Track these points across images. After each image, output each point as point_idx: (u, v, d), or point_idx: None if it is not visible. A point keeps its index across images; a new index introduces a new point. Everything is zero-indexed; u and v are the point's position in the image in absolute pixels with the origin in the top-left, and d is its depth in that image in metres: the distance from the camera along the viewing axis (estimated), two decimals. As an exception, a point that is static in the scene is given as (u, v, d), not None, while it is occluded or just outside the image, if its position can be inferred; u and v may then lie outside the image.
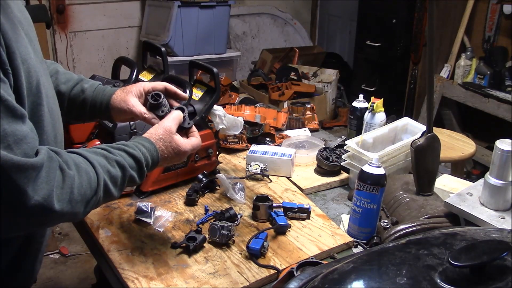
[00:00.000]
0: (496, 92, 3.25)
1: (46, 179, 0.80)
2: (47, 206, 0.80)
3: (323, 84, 4.18)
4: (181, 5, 3.67)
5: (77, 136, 1.51)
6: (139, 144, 1.03)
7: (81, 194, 0.87)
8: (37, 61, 0.92)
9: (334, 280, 0.79)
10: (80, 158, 0.91)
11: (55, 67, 1.24)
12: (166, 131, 1.08)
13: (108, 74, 1.73)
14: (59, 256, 2.74)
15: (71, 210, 0.85)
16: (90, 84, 1.23)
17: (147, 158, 1.02)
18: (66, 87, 1.20)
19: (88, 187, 0.88)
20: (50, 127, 0.96)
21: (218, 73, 1.50)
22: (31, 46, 0.91)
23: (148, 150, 1.03)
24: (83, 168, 0.89)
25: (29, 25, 0.97)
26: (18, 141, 0.78)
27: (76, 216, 0.89)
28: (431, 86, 1.31)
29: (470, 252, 0.74)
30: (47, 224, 0.88)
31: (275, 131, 1.92)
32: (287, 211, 1.35)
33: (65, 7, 3.87)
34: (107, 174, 0.93)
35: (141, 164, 1.00)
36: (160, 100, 1.15)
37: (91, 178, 0.89)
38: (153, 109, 1.15)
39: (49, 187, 0.81)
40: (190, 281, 1.11)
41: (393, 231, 1.22)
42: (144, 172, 1.02)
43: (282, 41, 4.97)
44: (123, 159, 0.97)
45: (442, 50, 3.74)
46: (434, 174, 1.38)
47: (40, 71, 0.92)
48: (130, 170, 0.98)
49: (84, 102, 1.20)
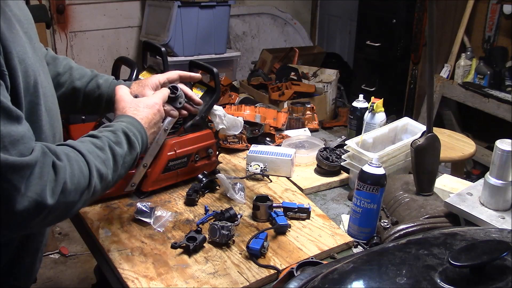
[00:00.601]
0: (496, 92, 3.25)
1: (39, 175, 0.80)
2: (40, 201, 0.80)
3: (323, 84, 4.18)
4: (181, 5, 3.67)
5: (77, 136, 1.49)
6: (118, 120, 1.05)
7: (74, 184, 0.86)
8: (36, 60, 0.92)
9: (334, 280, 0.79)
10: (68, 149, 0.90)
11: (68, 62, 1.25)
12: (139, 101, 1.12)
13: (108, 74, 1.73)
14: (59, 256, 2.74)
15: (64, 201, 0.84)
16: (105, 79, 1.26)
17: (129, 128, 1.02)
18: (81, 82, 1.23)
19: (81, 176, 0.88)
20: (48, 126, 0.96)
21: (218, 73, 1.50)
22: (30, 45, 0.91)
23: (127, 122, 1.04)
24: (73, 157, 0.89)
25: (29, 24, 0.97)
26: (14, 142, 0.78)
27: (72, 207, 0.88)
28: (431, 86, 1.31)
29: (470, 252, 0.74)
30: (43, 221, 0.85)
31: (275, 131, 1.92)
32: (287, 211, 1.35)
33: (65, 7, 3.87)
34: (98, 159, 0.93)
35: (127, 136, 1.01)
36: (178, 93, 1.20)
37: (82, 166, 0.89)
38: (171, 101, 1.20)
39: (42, 182, 0.81)
40: (190, 281, 1.11)
41: (393, 231, 1.22)
42: (133, 142, 1.02)
43: (282, 41, 4.97)
44: (108, 139, 0.97)
45: (442, 50, 3.74)
46: (434, 174, 1.38)
47: (38, 70, 0.92)
48: (116, 148, 0.97)
49: (100, 97, 1.24)
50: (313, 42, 5.21)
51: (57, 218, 0.89)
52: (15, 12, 0.90)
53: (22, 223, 0.83)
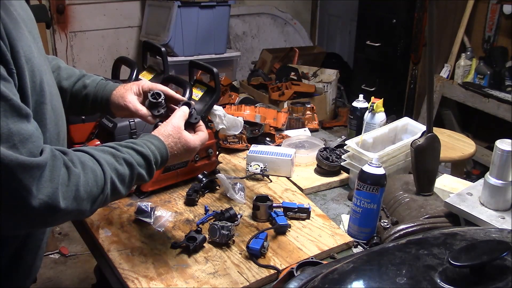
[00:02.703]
0: (496, 92, 3.25)
1: (49, 177, 0.80)
2: (52, 204, 0.80)
3: (323, 84, 4.18)
4: (181, 5, 3.67)
5: (77, 136, 1.51)
6: (148, 142, 1.03)
7: (87, 192, 0.87)
8: (40, 59, 0.92)
9: (334, 280, 0.79)
10: (86, 156, 0.91)
11: (57, 62, 1.25)
12: (174, 128, 1.09)
13: (108, 74, 1.73)
14: (59, 256, 2.74)
15: (76, 208, 0.85)
16: (92, 79, 1.24)
17: (156, 156, 1.02)
18: (68, 82, 1.22)
19: (94, 185, 0.88)
20: (53, 125, 0.96)
21: (218, 73, 1.50)
22: (34, 44, 0.92)
23: (157, 148, 1.03)
24: (89, 166, 0.89)
25: (32, 23, 0.97)
26: (24, 141, 0.78)
27: (83, 214, 0.90)
28: (431, 86, 1.31)
29: (470, 252, 0.74)
30: (53, 222, 0.88)
31: (275, 131, 1.92)
32: (287, 211, 1.35)
33: (65, 7, 3.87)
34: (114, 172, 0.93)
35: (149, 161, 1.00)
36: (159, 100, 1.16)
37: (98, 176, 0.89)
38: (151, 107, 1.16)
39: (53, 185, 0.81)
40: (190, 281, 1.11)
41: (393, 231, 1.22)
42: (153, 169, 1.02)
43: (282, 41, 4.97)
44: (131, 157, 0.97)
45: (442, 50, 3.74)
46: (434, 174, 1.38)
47: (43, 69, 0.92)
48: (138, 168, 0.98)
49: (86, 97, 1.21)
50: (313, 42, 5.21)
51: (66, 220, 0.90)
52: (19, 12, 0.90)
53: (35, 223, 0.84)
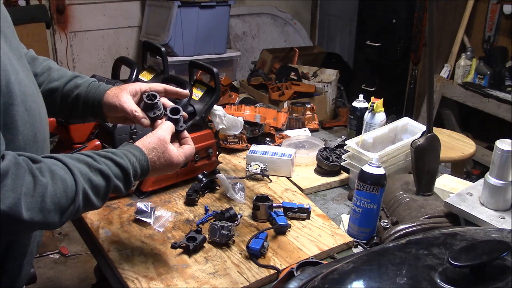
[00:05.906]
0: (496, 92, 3.26)
1: (12, 186, 0.75)
2: (13, 215, 0.75)
3: (323, 84, 4.18)
4: (181, 5, 3.67)
5: (77, 136, 1.51)
6: (129, 153, 0.98)
7: (55, 203, 0.81)
8: (12, 58, 0.87)
9: (334, 280, 0.79)
10: (58, 165, 0.85)
11: (48, 63, 1.19)
12: (160, 140, 1.03)
13: (108, 74, 1.73)
14: (59, 256, 2.74)
15: (43, 219, 0.80)
16: (85, 80, 1.18)
17: (135, 168, 0.97)
18: (59, 83, 1.15)
19: (63, 196, 0.83)
20: (28, 126, 0.90)
21: (218, 73, 1.50)
22: (6, 43, 0.87)
23: (138, 160, 0.98)
24: (59, 175, 0.83)
25: (4, 21, 0.92)
26: None
27: (50, 226, 0.84)
28: (431, 86, 1.31)
29: (470, 252, 0.74)
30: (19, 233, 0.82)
31: (275, 131, 1.92)
32: (287, 211, 1.35)
33: (65, 7, 3.87)
34: (88, 182, 0.88)
35: (128, 174, 0.95)
36: (155, 101, 1.10)
37: (68, 186, 0.84)
38: (146, 109, 1.11)
39: (15, 195, 0.76)
40: (190, 281, 1.11)
41: (393, 231, 1.22)
42: (131, 182, 0.97)
43: (282, 41, 4.98)
44: (108, 168, 0.92)
45: (442, 50, 3.74)
46: (434, 174, 1.38)
47: (13, 69, 0.86)
48: (115, 180, 0.93)
49: (77, 98, 1.15)
50: (313, 42, 5.21)
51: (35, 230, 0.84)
52: None
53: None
